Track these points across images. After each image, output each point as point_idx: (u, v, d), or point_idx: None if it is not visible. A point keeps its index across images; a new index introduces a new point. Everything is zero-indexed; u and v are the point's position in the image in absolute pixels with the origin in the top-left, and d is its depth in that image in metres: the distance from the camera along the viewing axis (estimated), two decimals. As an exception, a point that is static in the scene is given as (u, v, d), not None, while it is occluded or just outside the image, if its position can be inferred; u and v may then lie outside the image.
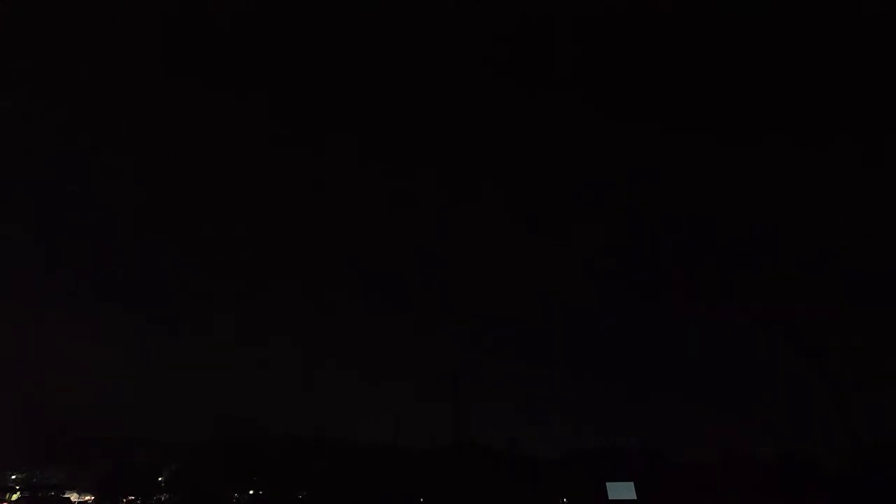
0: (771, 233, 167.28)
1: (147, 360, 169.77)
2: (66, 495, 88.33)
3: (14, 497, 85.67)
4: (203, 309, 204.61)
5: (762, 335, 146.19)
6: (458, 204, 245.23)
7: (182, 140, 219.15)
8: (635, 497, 64.24)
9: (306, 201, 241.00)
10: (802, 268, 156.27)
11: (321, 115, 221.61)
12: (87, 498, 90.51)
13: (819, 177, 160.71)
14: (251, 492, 79.67)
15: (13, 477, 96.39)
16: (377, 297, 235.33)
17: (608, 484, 65.43)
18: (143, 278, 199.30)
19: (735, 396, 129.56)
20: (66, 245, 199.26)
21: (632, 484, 65.02)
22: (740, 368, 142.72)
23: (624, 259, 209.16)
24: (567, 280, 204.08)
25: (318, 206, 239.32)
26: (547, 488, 68.92)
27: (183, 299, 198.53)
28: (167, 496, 79.53)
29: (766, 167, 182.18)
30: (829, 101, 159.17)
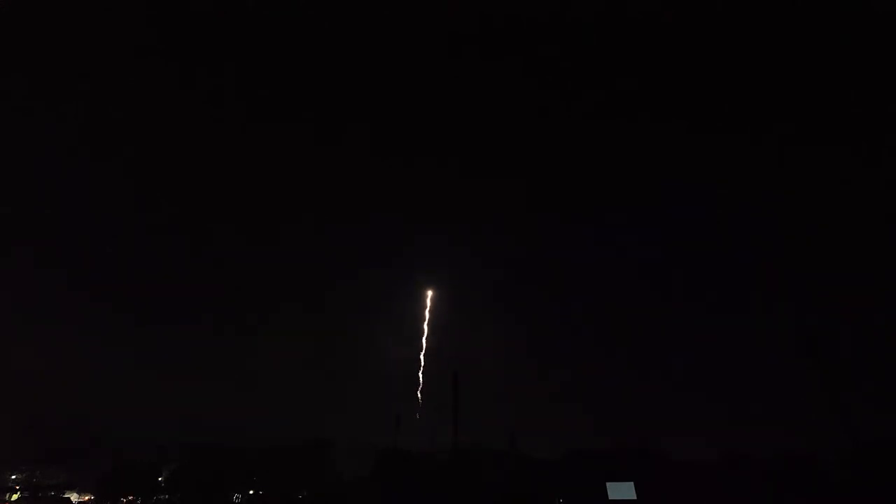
0: (771, 232, 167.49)
1: (147, 360, 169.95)
2: (66, 495, 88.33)
3: (14, 497, 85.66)
4: (203, 309, 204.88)
5: (762, 335, 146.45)
6: (457, 200, 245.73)
7: (182, 140, 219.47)
8: (635, 497, 64.21)
9: (306, 200, 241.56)
10: (802, 267, 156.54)
11: (320, 114, 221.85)
12: (87, 498, 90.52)
13: (819, 175, 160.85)
14: (251, 492, 79.78)
15: (13, 477, 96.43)
16: (377, 295, 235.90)
17: (608, 484, 65.41)
18: (142, 278, 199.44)
19: (735, 396, 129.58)
20: (65, 245, 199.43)
21: (632, 484, 65.00)
22: (741, 368, 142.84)
23: (623, 258, 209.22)
24: (567, 280, 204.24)
25: (318, 205, 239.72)
26: (546, 488, 68.86)
27: (183, 299, 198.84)
28: (167, 496, 79.57)
29: (767, 166, 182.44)
30: (828, 100, 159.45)
